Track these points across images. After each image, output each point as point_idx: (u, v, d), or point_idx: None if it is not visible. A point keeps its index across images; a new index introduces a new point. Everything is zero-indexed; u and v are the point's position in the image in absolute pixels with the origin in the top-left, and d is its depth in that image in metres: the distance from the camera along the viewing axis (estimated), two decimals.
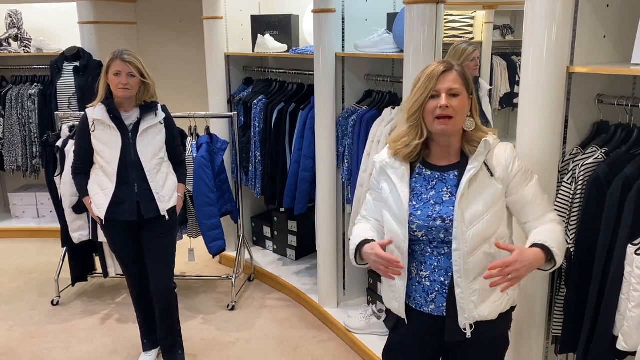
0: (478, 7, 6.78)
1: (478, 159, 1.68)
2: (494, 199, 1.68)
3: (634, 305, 1.69)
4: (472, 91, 1.72)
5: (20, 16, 4.99)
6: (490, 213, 1.67)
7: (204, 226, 3.56)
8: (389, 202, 1.77)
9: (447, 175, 1.73)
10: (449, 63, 1.68)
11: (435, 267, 1.73)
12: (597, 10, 1.90)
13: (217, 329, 3.48)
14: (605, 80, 2.00)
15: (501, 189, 1.69)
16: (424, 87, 1.66)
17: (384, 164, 1.79)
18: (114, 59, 2.66)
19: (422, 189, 1.74)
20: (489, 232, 1.68)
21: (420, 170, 1.76)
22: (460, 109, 1.66)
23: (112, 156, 2.74)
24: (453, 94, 1.65)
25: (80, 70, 4.61)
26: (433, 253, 1.73)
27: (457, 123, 1.67)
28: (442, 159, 1.75)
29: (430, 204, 1.71)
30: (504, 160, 1.70)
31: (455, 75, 1.67)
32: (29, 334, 3.44)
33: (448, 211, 1.68)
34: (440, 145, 1.73)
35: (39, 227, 5.12)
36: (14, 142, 4.87)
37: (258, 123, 3.90)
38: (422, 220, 1.70)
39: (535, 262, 1.62)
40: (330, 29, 3.16)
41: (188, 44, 5.12)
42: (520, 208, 1.74)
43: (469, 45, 3.52)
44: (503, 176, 1.69)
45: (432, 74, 1.66)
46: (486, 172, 1.69)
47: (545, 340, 2.13)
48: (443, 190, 1.72)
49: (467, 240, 1.65)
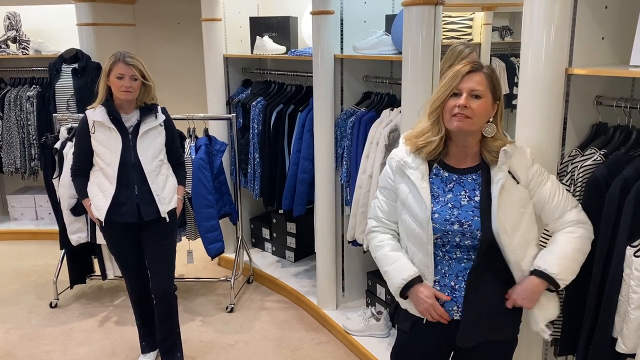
0: (477, 9, 6.78)
1: (502, 169, 1.67)
2: (525, 203, 1.70)
3: (633, 307, 1.68)
4: (500, 97, 1.69)
5: (18, 18, 4.99)
6: (526, 217, 1.69)
7: (203, 228, 3.56)
8: (407, 203, 1.72)
9: (465, 178, 1.71)
10: (478, 64, 1.66)
11: (445, 272, 1.72)
12: (595, 12, 1.90)
13: (215, 331, 3.47)
14: (604, 82, 2.00)
15: (527, 192, 1.71)
16: (448, 85, 1.64)
17: (401, 164, 1.74)
18: (117, 61, 2.65)
19: (440, 191, 1.71)
20: (530, 234, 1.71)
21: (437, 171, 1.73)
22: (480, 112, 1.64)
23: (112, 158, 2.73)
24: (475, 95, 1.63)
25: (78, 72, 4.60)
26: (444, 257, 1.71)
27: (474, 124, 1.65)
28: (460, 160, 1.73)
29: (448, 207, 1.69)
30: (524, 165, 1.71)
31: (481, 77, 1.64)
32: (27, 337, 3.43)
33: (467, 216, 1.67)
34: (458, 145, 1.71)
35: (37, 229, 5.11)
36: (13, 144, 4.87)
37: (257, 125, 3.90)
38: (439, 223, 1.68)
39: (534, 291, 1.69)
40: (329, 30, 3.16)
41: (187, 46, 5.12)
42: (540, 210, 1.74)
43: (466, 47, 3.52)
44: (524, 180, 1.71)
45: (458, 72, 1.64)
46: (512, 179, 1.69)
47: (544, 342, 2.12)
48: (461, 194, 1.70)
49: (516, 249, 1.66)
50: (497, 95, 1.68)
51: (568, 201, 1.75)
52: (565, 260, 1.69)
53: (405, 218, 1.74)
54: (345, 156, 3.20)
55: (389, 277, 1.77)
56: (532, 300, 1.70)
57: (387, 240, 1.81)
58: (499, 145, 1.69)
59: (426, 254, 1.71)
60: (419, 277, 1.73)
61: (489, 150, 1.70)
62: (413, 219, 1.71)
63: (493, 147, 1.69)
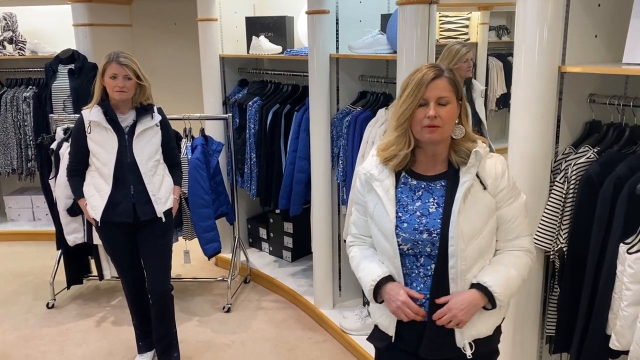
0: (473, 8, 6.79)
1: (470, 171, 1.60)
2: (489, 212, 1.62)
3: (627, 304, 1.69)
4: (462, 96, 1.63)
5: (15, 19, 4.98)
6: (487, 227, 1.62)
7: (199, 228, 3.55)
8: (375, 216, 1.68)
9: (434, 185, 1.65)
10: (438, 69, 1.60)
11: (421, 290, 1.64)
12: (588, 10, 1.91)
13: (212, 331, 3.47)
14: (597, 80, 2.00)
15: (494, 202, 1.63)
16: (413, 95, 1.58)
17: (368, 176, 1.69)
18: (110, 61, 2.65)
19: (408, 200, 1.65)
20: (486, 246, 1.63)
21: (405, 180, 1.68)
22: (449, 118, 1.58)
23: (109, 158, 2.73)
24: (442, 103, 1.57)
25: (75, 72, 4.60)
26: (419, 274, 1.64)
27: (446, 131, 1.60)
28: (428, 168, 1.66)
29: (417, 216, 1.62)
30: (494, 173, 1.63)
31: (444, 83, 1.58)
32: (23, 337, 3.43)
33: (435, 224, 1.60)
34: (427, 153, 1.65)
35: (34, 230, 5.10)
36: (9, 145, 4.86)
37: (253, 125, 3.90)
38: (408, 233, 1.61)
39: (473, 305, 1.59)
40: (324, 30, 3.16)
41: (183, 46, 5.11)
42: (498, 225, 1.66)
43: (463, 46, 3.52)
44: (492, 188, 1.63)
45: (421, 81, 1.57)
46: (479, 184, 1.61)
47: (539, 339, 2.13)
48: (429, 201, 1.63)
49: (467, 257, 1.58)
50: (460, 96, 1.62)
51: (525, 227, 1.68)
52: (508, 281, 1.61)
53: (374, 232, 1.70)
54: (342, 155, 3.21)
55: (362, 283, 1.72)
56: (470, 314, 1.59)
57: (362, 250, 1.78)
58: (469, 146, 1.63)
59: (394, 267, 1.65)
60: (389, 277, 1.66)
61: (457, 151, 1.63)
62: (380, 233, 1.67)
63: (463, 148, 1.63)
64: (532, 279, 2.03)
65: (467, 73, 3.59)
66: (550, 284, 2.07)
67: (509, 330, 2.08)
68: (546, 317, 2.08)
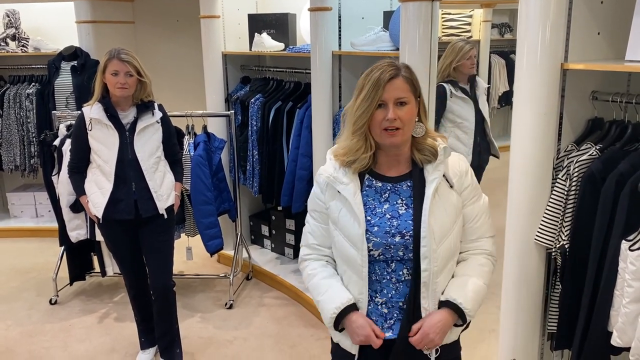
0: (476, 6, 6.77)
1: (439, 168, 1.56)
2: (457, 211, 1.59)
3: (628, 301, 1.69)
4: (420, 94, 1.58)
5: (17, 15, 4.99)
6: (456, 227, 1.58)
7: (202, 225, 3.56)
8: (340, 221, 1.58)
9: (400, 186, 1.59)
10: (395, 68, 1.53)
11: (392, 296, 1.58)
12: (591, 7, 1.90)
13: (214, 327, 3.49)
14: (600, 77, 2.00)
15: (460, 200, 1.60)
16: (370, 98, 1.51)
17: (331, 180, 1.60)
18: (111, 58, 2.65)
19: (375, 202, 1.58)
20: (455, 248, 1.60)
21: (370, 182, 1.60)
22: (409, 118, 1.53)
23: (110, 155, 2.73)
24: (401, 102, 1.52)
25: (77, 69, 4.61)
26: (391, 280, 1.57)
27: (406, 132, 1.54)
28: (391, 168, 1.60)
29: (387, 218, 1.56)
30: (458, 171, 1.60)
31: (402, 82, 1.52)
32: (27, 333, 3.44)
33: (407, 225, 1.54)
34: (389, 154, 1.59)
35: (37, 226, 5.12)
36: (12, 141, 4.88)
37: (255, 122, 3.91)
38: (379, 237, 1.54)
39: (447, 326, 1.56)
40: (327, 27, 3.17)
41: (185, 43, 5.12)
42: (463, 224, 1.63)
43: (466, 43, 3.52)
44: (458, 186, 1.60)
45: (378, 82, 1.50)
46: (445, 182, 1.57)
47: (540, 336, 2.13)
48: (398, 203, 1.57)
49: (438, 258, 1.54)
50: (418, 93, 1.57)
51: (488, 228, 1.67)
52: (476, 295, 1.58)
53: (338, 240, 1.60)
54: None
55: (321, 309, 1.63)
56: (443, 335, 1.57)
57: (320, 268, 1.67)
58: (430, 142, 1.59)
59: (361, 277, 1.57)
60: (353, 305, 1.58)
61: (420, 149, 1.59)
62: (346, 239, 1.58)
63: (425, 145, 1.58)
64: (534, 275, 2.03)
65: (471, 70, 3.59)
66: (552, 281, 2.07)
67: (510, 327, 2.09)
68: (548, 314, 2.08)
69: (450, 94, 3.48)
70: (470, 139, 3.57)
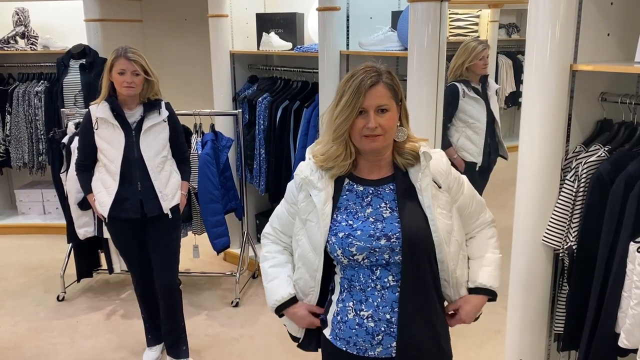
0: (483, 6, 6.75)
1: (426, 173, 1.55)
2: (450, 207, 1.60)
3: (636, 302, 1.69)
4: (402, 99, 1.56)
5: (27, 14, 5.02)
6: (455, 220, 1.61)
7: (208, 223, 3.58)
8: (306, 225, 1.59)
9: (382, 189, 1.57)
10: (376, 74, 1.49)
11: (378, 305, 1.53)
12: (600, 8, 1.90)
13: (221, 325, 3.50)
14: (609, 78, 2.00)
15: (450, 197, 1.61)
16: (351, 106, 1.48)
17: (306, 182, 1.58)
18: (118, 57, 2.65)
19: (357, 207, 1.56)
20: (462, 237, 1.64)
21: (350, 187, 1.58)
22: (390, 125, 1.51)
23: (115, 154, 2.74)
24: (382, 110, 1.49)
25: (86, 67, 4.63)
26: (376, 287, 1.53)
27: (387, 139, 1.53)
28: (372, 172, 1.58)
29: (370, 222, 1.53)
30: (443, 170, 1.60)
31: (383, 89, 1.49)
32: (34, 329, 3.47)
33: (393, 228, 1.51)
34: (370, 159, 1.57)
35: (45, 223, 5.14)
36: (21, 139, 4.90)
37: (262, 121, 3.92)
38: (363, 240, 1.51)
39: (479, 308, 1.66)
40: (335, 27, 3.17)
41: (193, 42, 5.13)
42: (460, 215, 1.65)
43: (479, 43, 3.51)
44: (445, 186, 1.60)
45: (358, 89, 1.47)
46: (434, 185, 1.57)
47: (547, 337, 2.13)
48: (381, 206, 1.55)
49: (453, 257, 1.57)
50: (399, 98, 1.54)
51: (480, 204, 1.71)
52: (497, 269, 1.68)
53: (301, 239, 1.62)
54: None
55: (266, 294, 1.71)
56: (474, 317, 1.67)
57: (274, 253, 1.72)
58: (412, 146, 1.57)
59: (313, 280, 1.61)
60: (293, 299, 1.66)
61: (401, 153, 1.57)
62: (309, 243, 1.59)
63: (407, 150, 1.57)
64: (541, 276, 2.03)
65: (483, 70, 3.58)
66: (559, 282, 2.07)
67: (517, 328, 2.09)
68: (555, 315, 2.08)
69: (463, 93, 3.48)
70: (481, 140, 3.57)
